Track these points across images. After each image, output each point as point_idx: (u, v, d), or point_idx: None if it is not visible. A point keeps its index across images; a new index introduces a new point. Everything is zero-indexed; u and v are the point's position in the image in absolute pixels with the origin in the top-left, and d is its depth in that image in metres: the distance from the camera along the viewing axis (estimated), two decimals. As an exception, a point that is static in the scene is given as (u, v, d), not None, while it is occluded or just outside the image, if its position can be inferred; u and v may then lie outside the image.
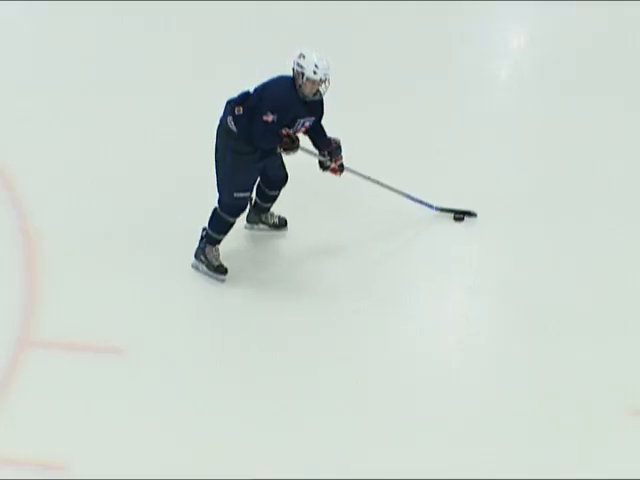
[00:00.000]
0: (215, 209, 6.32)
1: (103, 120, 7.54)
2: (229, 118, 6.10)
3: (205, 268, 6.42)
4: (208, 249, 6.40)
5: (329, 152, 6.36)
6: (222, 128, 6.15)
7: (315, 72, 5.99)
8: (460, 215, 6.90)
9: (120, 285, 6.36)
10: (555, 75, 8.31)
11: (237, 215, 6.33)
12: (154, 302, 6.29)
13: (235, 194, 6.21)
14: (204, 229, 6.40)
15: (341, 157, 6.39)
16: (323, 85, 6.06)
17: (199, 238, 6.42)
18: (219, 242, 6.40)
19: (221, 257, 6.42)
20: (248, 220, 6.73)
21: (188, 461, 5.45)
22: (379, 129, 7.55)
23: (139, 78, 8.02)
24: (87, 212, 6.84)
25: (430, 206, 6.86)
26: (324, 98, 6.17)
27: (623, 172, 7.35)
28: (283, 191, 6.57)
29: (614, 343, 6.12)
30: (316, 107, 6.20)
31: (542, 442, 5.60)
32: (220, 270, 6.41)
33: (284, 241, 6.77)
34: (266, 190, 6.55)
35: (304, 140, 6.31)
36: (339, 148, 6.36)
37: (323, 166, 6.43)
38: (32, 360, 5.88)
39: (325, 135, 6.35)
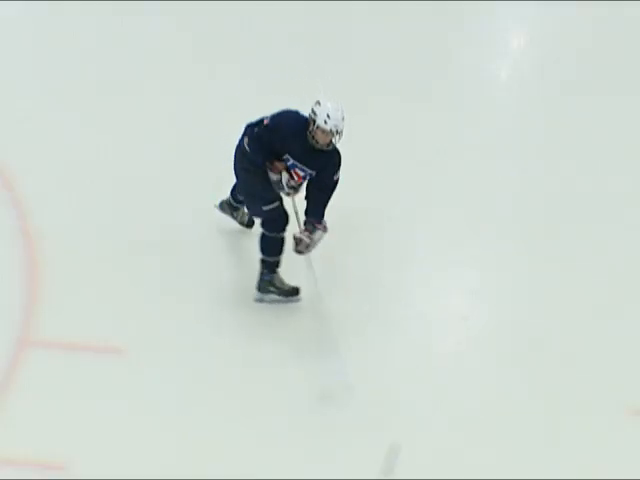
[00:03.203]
0: (262, 234, 6.20)
1: (103, 120, 7.53)
2: (245, 139, 6.04)
3: (277, 296, 6.29)
4: (273, 278, 6.27)
5: (307, 229, 6.05)
6: (239, 150, 6.08)
7: (326, 122, 5.85)
8: None
9: (120, 285, 6.36)
10: (555, 75, 8.30)
11: (282, 229, 6.16)
12: (154, 302, 6.28)
13: (264, 207, 6.12)
14: (262, 260, 6.24)
15: (314, 241, 6.08)
16: (335, 137, 5.93)
17: (259, 273, 6.25)
18: (278, 265, 6.25)
19: (222, 256, 6.42)
20: (221, 207, 6.65)
21: (188, 461, 5.45)
22: (378, 129, 7.54)
23: (139, 78, 8.00)
24: (87, 212, 6.83)
25: None
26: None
27: (624, 172, 7.34)
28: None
29: (614, 343, 6.12)
30: (322, 161, 6.00)
31: (542, 442, 5.60)
32: (294, 292, 6.31)
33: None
34: (238, 196, 6.50)
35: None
36: (322, 232, 6.06)
37: (294, 237, 6.12)
38: (32, 360, 5.88)
39: (323, 207, 6.05)
